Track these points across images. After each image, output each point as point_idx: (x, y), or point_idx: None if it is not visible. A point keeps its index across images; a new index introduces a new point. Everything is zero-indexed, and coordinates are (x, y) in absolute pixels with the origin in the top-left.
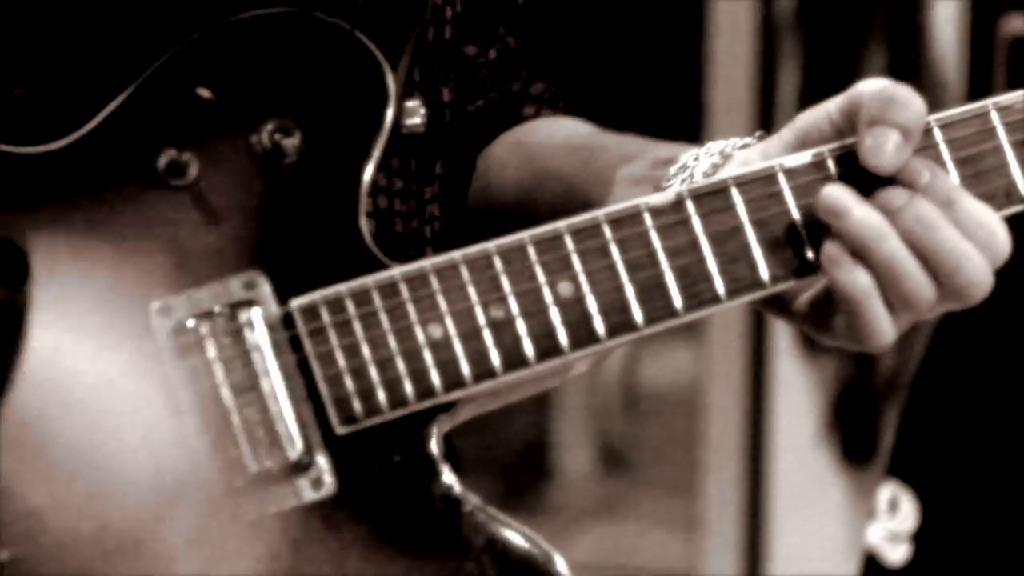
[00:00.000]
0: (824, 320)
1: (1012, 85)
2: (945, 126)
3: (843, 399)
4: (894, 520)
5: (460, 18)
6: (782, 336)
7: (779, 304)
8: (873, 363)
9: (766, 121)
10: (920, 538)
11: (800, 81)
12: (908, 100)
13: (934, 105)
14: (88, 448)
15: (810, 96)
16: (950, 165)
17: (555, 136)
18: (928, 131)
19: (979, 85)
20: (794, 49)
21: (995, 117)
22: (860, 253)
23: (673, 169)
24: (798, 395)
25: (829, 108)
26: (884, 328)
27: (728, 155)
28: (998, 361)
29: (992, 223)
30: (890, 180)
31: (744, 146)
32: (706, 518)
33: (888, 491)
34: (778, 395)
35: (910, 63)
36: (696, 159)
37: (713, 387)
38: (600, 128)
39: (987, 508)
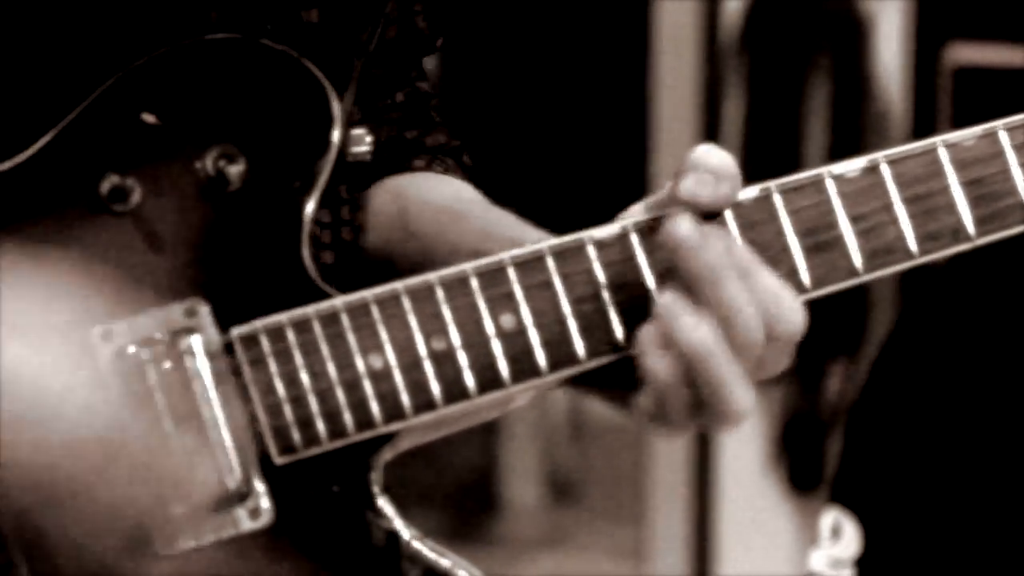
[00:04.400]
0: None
1: (957, 114)
2: (893, 162)
3: (789, 428)
4: (837, 546)
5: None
6: None
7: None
8: (819, 392)
9: None
10: (863, 564)
11: (745, 108)
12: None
13: (878, 133)
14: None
15: (755, 122)
16: (898, 204)
17: (431, 195)
18: (875, 168)
19: (924, 114)
20: (739, 76)
21: (943, 155)
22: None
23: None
24: (744, 424)
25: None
26: (742, 397)
27: None
28: (939, 387)
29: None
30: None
31: None
32: (654, 547)
33: (831, 517)
34: None
35: (854, 91)
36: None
37: None
38: (484, 197)
39: (930, 533)
